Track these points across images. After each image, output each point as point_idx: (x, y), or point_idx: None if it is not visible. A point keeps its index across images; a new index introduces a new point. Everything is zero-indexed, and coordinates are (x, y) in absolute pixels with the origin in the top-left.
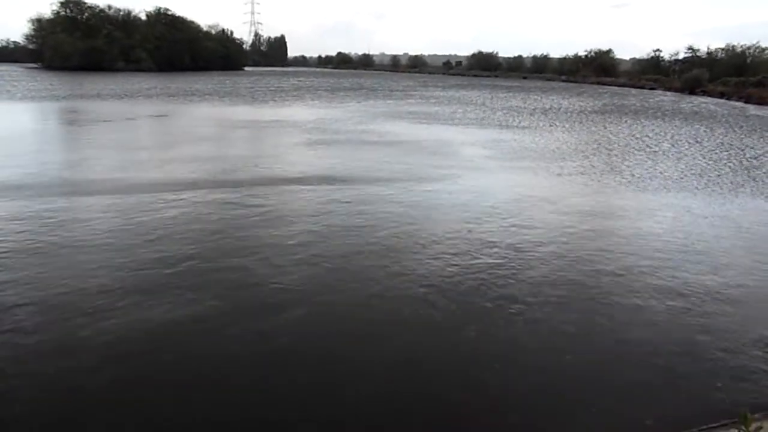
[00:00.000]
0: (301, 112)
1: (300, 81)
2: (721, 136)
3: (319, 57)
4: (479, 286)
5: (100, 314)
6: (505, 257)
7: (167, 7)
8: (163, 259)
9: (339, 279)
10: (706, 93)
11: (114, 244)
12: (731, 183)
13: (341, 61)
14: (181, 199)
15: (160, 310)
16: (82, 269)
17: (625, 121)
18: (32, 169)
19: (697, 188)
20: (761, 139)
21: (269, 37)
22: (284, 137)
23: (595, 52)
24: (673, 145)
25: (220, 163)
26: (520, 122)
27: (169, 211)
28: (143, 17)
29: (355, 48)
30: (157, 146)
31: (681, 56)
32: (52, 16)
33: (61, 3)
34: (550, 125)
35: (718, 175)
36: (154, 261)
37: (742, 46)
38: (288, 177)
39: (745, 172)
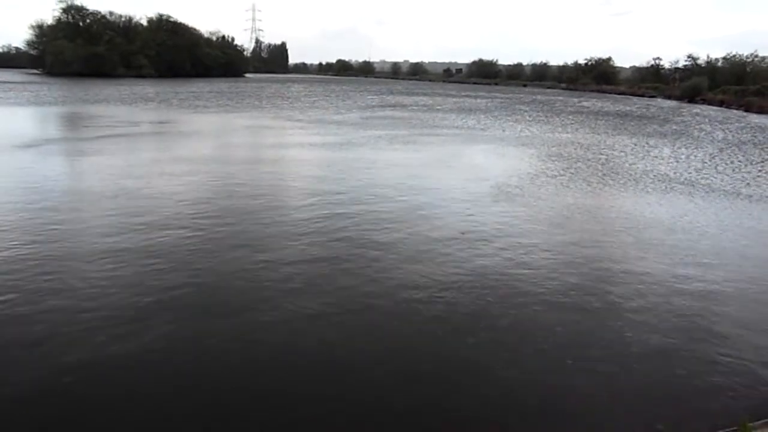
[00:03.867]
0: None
1: (305, 88)
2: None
3: (320, 64)
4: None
5: None
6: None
7: (168, 13)
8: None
9: None
10: (705, 101)
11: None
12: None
13: (342, 68)
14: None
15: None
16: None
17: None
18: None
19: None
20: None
21: (270, 44)
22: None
23: (595, 61)
24: (672, 151)
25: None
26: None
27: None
28: (144, 23)
29: (355, 54)
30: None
31: (681, 64)
32: (53, 23)
33: (63, 9)
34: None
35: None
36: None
37: (742, 55)
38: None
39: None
